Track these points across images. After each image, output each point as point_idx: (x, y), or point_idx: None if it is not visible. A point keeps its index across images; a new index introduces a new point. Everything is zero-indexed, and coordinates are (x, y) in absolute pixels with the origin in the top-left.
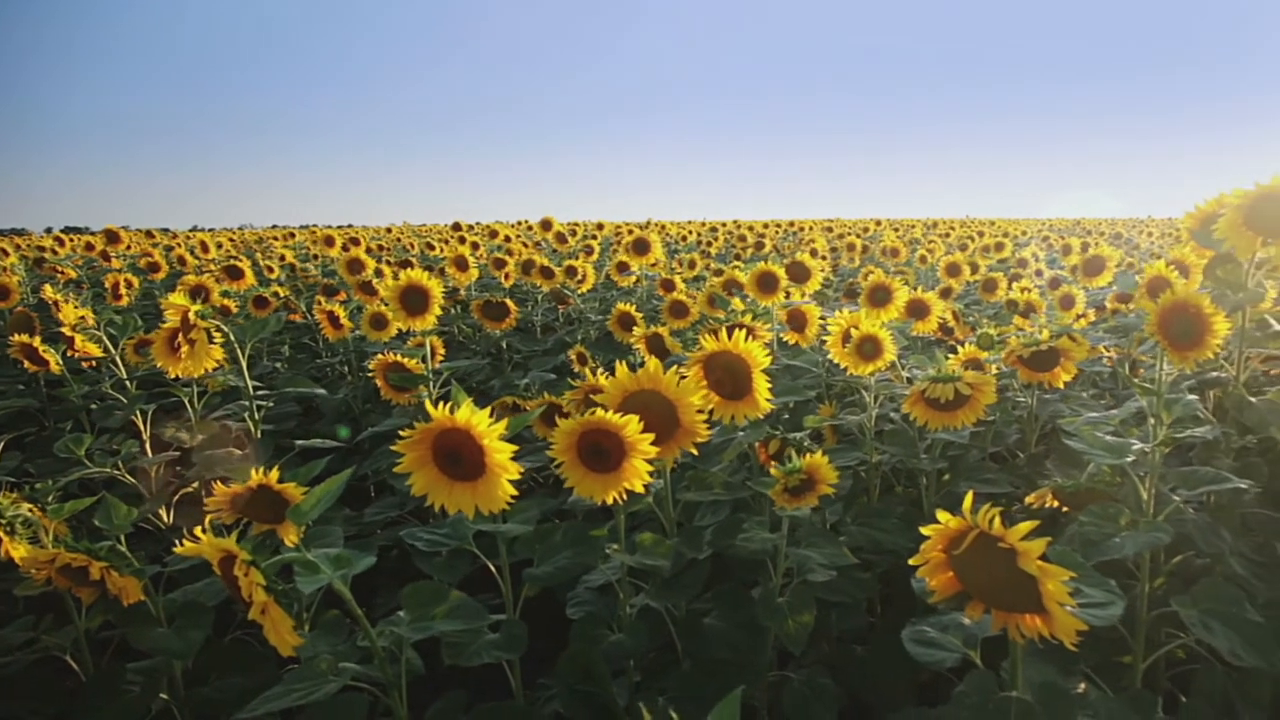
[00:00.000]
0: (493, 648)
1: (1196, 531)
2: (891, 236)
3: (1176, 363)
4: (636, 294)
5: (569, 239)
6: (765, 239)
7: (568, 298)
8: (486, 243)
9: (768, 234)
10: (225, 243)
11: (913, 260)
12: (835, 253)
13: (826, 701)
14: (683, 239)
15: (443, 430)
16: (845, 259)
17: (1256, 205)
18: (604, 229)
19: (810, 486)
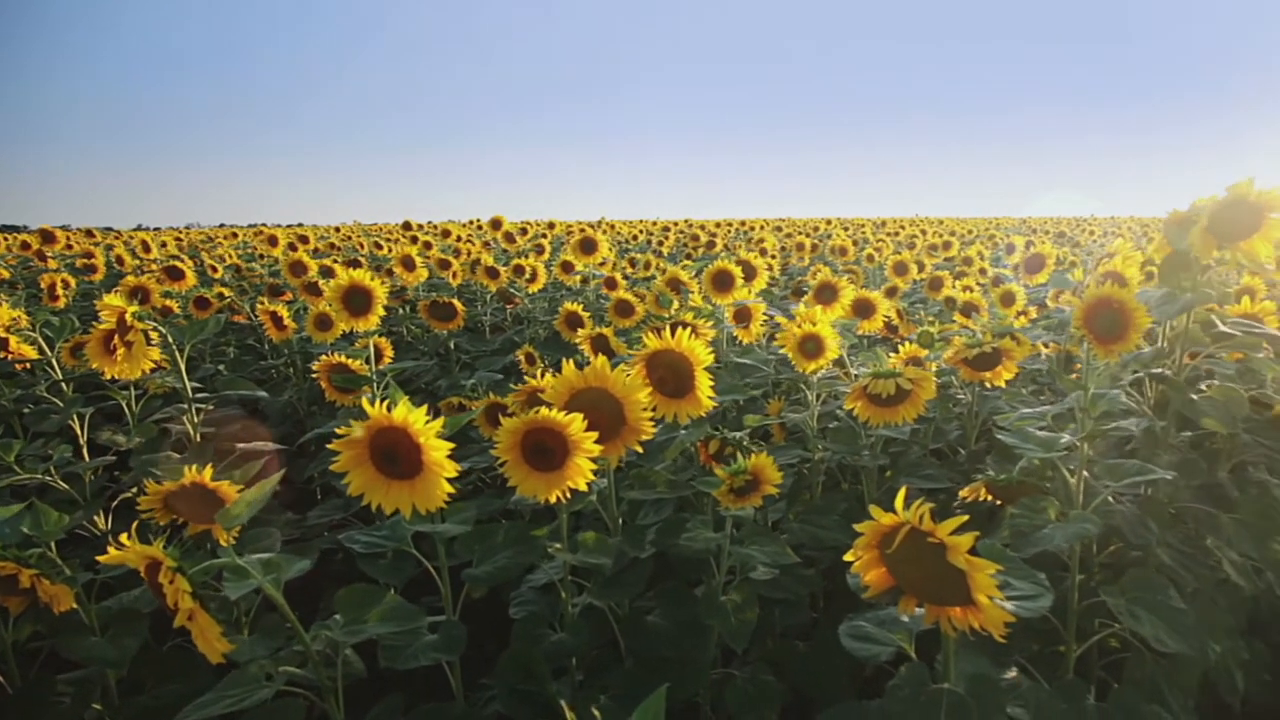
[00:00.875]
0: (431, 649)
1: (1124, 523)
2: (841, 235)
3: (1102, 356)
4: (585, 294)
5: (518, 238)
6: (717, 238)
7: (515, 297)
8: (438, 242)
9: (719, 233)
10: (169, 242)
11: (860, 259)
12: (785, 252)
13: (769, 698)
14: (634, 238)
15: (379, 429)
16: (795, 258)
17: (1223, 209)
18: (555, 228)
19: (755, 487)
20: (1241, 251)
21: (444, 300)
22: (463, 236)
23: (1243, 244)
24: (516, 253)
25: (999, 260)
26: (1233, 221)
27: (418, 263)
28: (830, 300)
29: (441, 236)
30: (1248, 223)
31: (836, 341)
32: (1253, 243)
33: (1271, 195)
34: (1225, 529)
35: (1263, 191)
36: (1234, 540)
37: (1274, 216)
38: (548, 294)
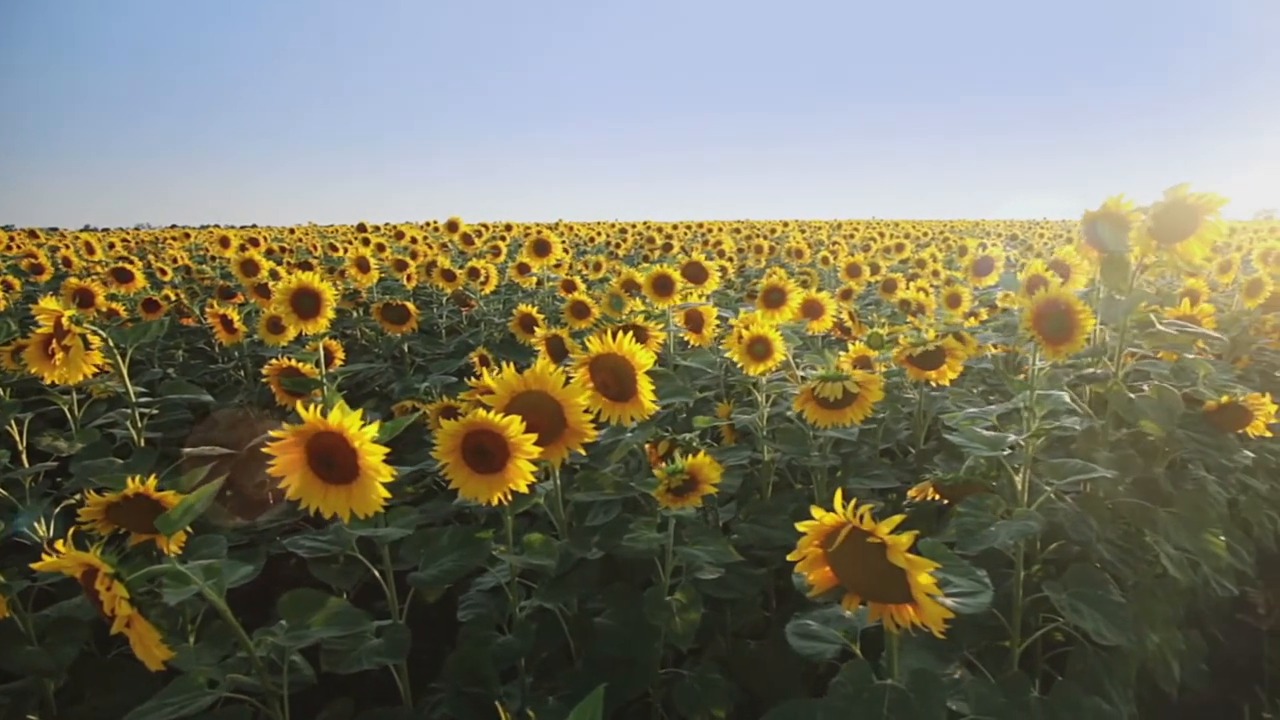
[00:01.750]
0: (375, 654)
1: (1066, 520)
2: (798, 238)
3: (1049, 356)
4: (540, 295)
5: (475, 240)
6: (673, 240)
7: (470, 300)
8: (392, 244)
9: (676, 235)
10: (116, 244)
11: (816, 261)
12: (742, 254)
13: (717, 696)
14: (591, 240)
15: (316, 433)
16: (751, 260)
17: (1164, 213)
18: (512, 230)
19: (693, 486)
20: (1178, 253)
21: (397, 303)
22: (418, 238)
23: (1179, 245)
24: (473, 255)
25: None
26: (1173, 224)
27: (371, 265)
28: (778, 304)
29: (396, 238)
30: (1184, 225)
31: (783, 344)
32: (1188, 244)
33: (1207, 198)
34: (1161, 523)
35: (1198, 194)
36: (1169, 534)
37: (1209, 219)
38: (503, 296)
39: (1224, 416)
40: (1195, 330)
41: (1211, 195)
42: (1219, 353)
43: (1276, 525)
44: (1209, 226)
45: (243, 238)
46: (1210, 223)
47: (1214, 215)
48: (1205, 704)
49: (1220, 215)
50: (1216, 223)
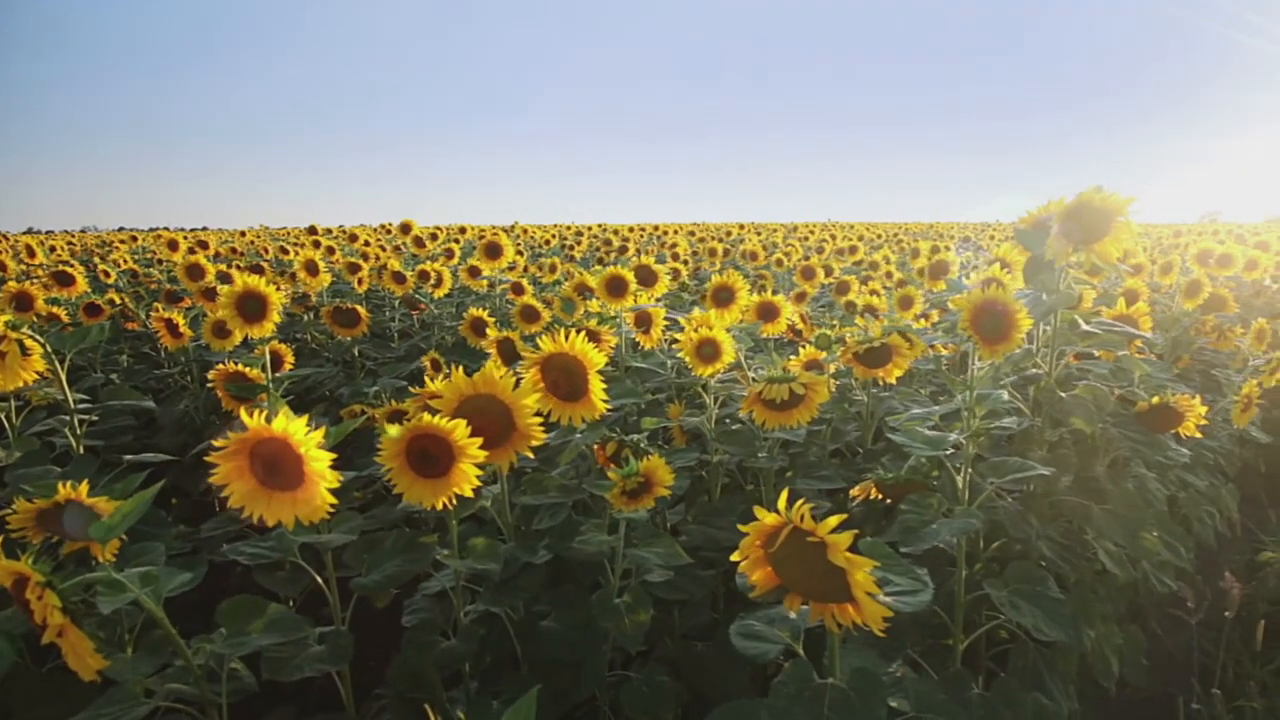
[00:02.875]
0: (316, 660)
1: (1007, 518)
2: (753, 240)
3: (986, 356)
4: (492, 299)
5: (428, 243)
6: (629, 243)
7: (420, 303)
8: (345, 247)
9: (633, 238)
10: (59, 247)
11: (770, 263)
12: (697, 256)
13: (664, 698)
14: (546, 243)
15: (259, 439)
16: (706, 263)
17: (1072, 214)
18: (467, 233)
19: (647, 488)
20: (1095, 253)
21: (347, 306)
22: (371, 241)
23: (1096, 246)
24: (427, 258)
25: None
26: (1086, 226)
27: (321, 268)
28: (727, 302)
29: (350, 241)
30: (1099, 227)
31: (732, 345)
32: (1105, 245)
33: (1114, 200)
34: (1097, 520)
35: (1106, 196)
36: (1105, 531)
37: (1121, 220)
38: (456, 299)
39: (1156, 417)
40: (1121, 329)
41: (1117, 196)
42: (1160, 352)
43: (1216, 521)
44: (1121, 227)
45: (192, 240)
46: (1122, 223)
47: (1124, 216)
48: (1146, 698)
49: (1130, 216)
50: (1128, 223)
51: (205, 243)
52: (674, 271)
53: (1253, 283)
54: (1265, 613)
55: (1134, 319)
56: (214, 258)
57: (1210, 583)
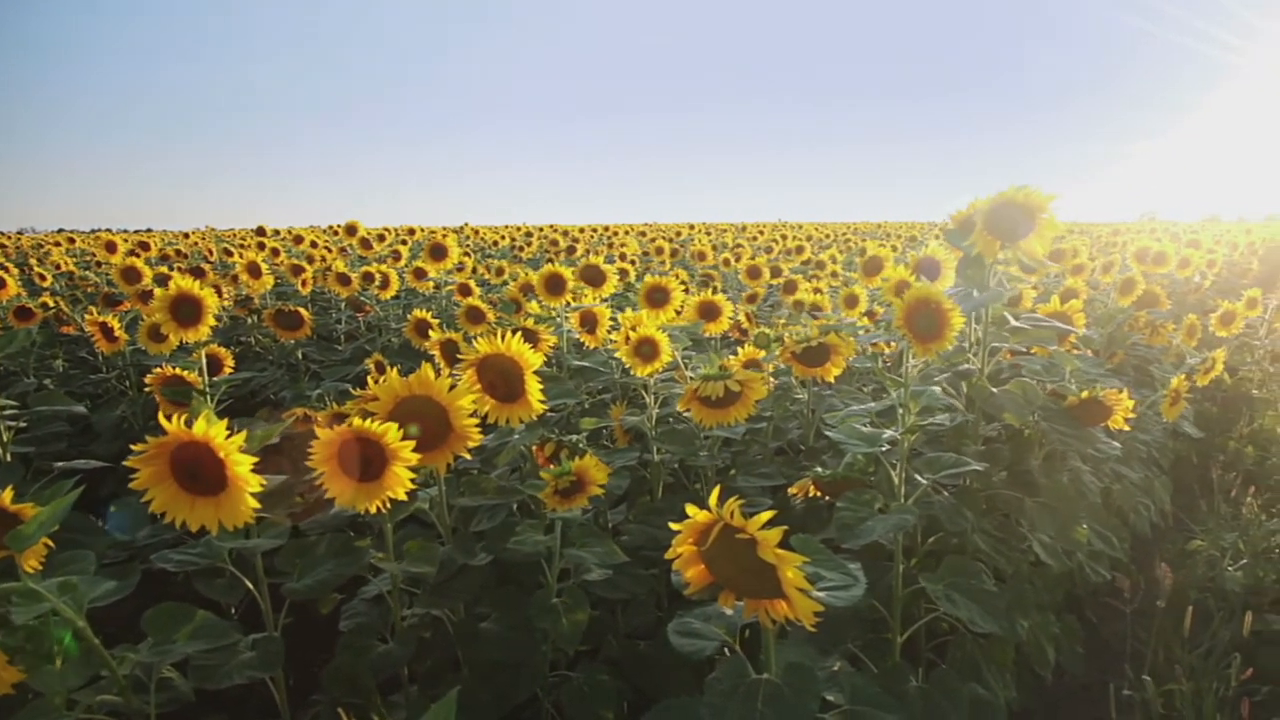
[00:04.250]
0: (246, 667)
1: (943, 513)
2: (702, 241)
3: (920, 354)
4: (438, 300)
5: (374, 244)
6: (578, 244)
7: (365, 305)
8: (290, 249)
9: (582, 238)
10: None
11: (719, 263)
12: (647, 257)
13: (605, 698)
14: (495, 244)
15: (180, 444)
16: (656, 263)
17: (996, 211)
18: (416, 234)
19: (580, 488)
20: (1021, 250)
21: (290, 308)
22: (318, 243)
23: (1022, 243)
24: (374, 259)
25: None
26: (1011, 223)
27: (264, 270)
28: (661, 303)
29: (295, 242)
30: (1024, 224)
31: (669, 344)
32: (1030, 241)
33: (1036, 197)
34: (1030, 513)
35: (1029, 194)
36: (1038, 523)
37: (1044, 217)
38: (403, 301)
39: (1086, 410)
40: (1049, 324)
41: (1039, 194)
42: (1097, 348)
43: (1150, 512)
44: (1046, 224)
45: (133, 242)
46: (1046, 220)
47: (1047, 213)
48: (1084, 685)
49: (1053, 213)
50: (1052, 220)
51: (147, 244)
52: (622, 272)
53: (1185, 280)
54: (1195, 599)
55: (1068, 316)
56: (155, 260)
57: (1145, 572)
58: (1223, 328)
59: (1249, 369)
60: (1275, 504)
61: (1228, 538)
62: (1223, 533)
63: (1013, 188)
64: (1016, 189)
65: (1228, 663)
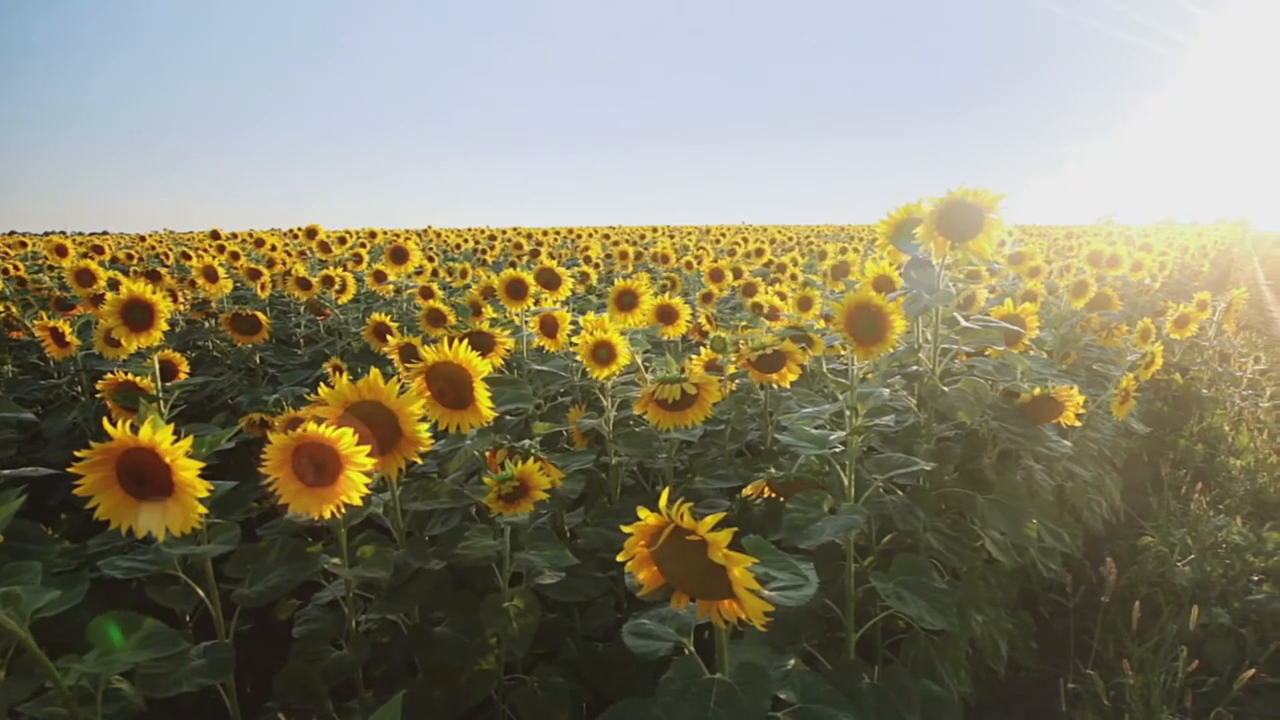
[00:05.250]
0: (196, 674)
1: (895, 512)
2: (665, 244)
3: (861, 357)
4: (399, 303)
5: (334, 248)
6: (542, 247)
7: (325, 309)
8: (249, 252)
9: (546, 241)
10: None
11: (680, 266)
12: (610, 259)
13: (560, 700)
14: (458, 247)
15: (125, 450)
16: (618, 266)
17: (946, 212)
18: (377, 237)
19: (524, 492)
20: (970, 250)
21: (247, 312)
22: (278, 246)
23: (970, 243)
24: (334, 263)
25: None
26: (961, 223)
27: (221, 274)
28: (630, 307)
29: (255, 245)
30: (972, 223)
31: (627, 347)
32: (978, 241)
33: (985, 197)
34: (981, 511)
35: (977, 194)
36: (990, 520)
37: (992, 217)
38: (363, 305)
39: (1037, 408)
40: (998, 325)
41: (987, 193)
42: (1051, 349)
43: (1102, 509)
44: (993, 224)
45: (87, 246)
46: (994, 220)
47: (995, 213)
48: (1038, 679)
49: (1001, 212)
50: (999, 220)
51: (101, 248)
52: (583, 275)
53: (1138, 282)
54: (1145, 594)
55: (1021, 318)
56: (110, 263)
57: (1098, 568)
58: (1178, 330)
59: (1199, 369)
60: (1223, 500)
61: (1177, 533)
62: (1172, 529)
63: (961, 188)
64: (966, 189)
65: (1175, 655)
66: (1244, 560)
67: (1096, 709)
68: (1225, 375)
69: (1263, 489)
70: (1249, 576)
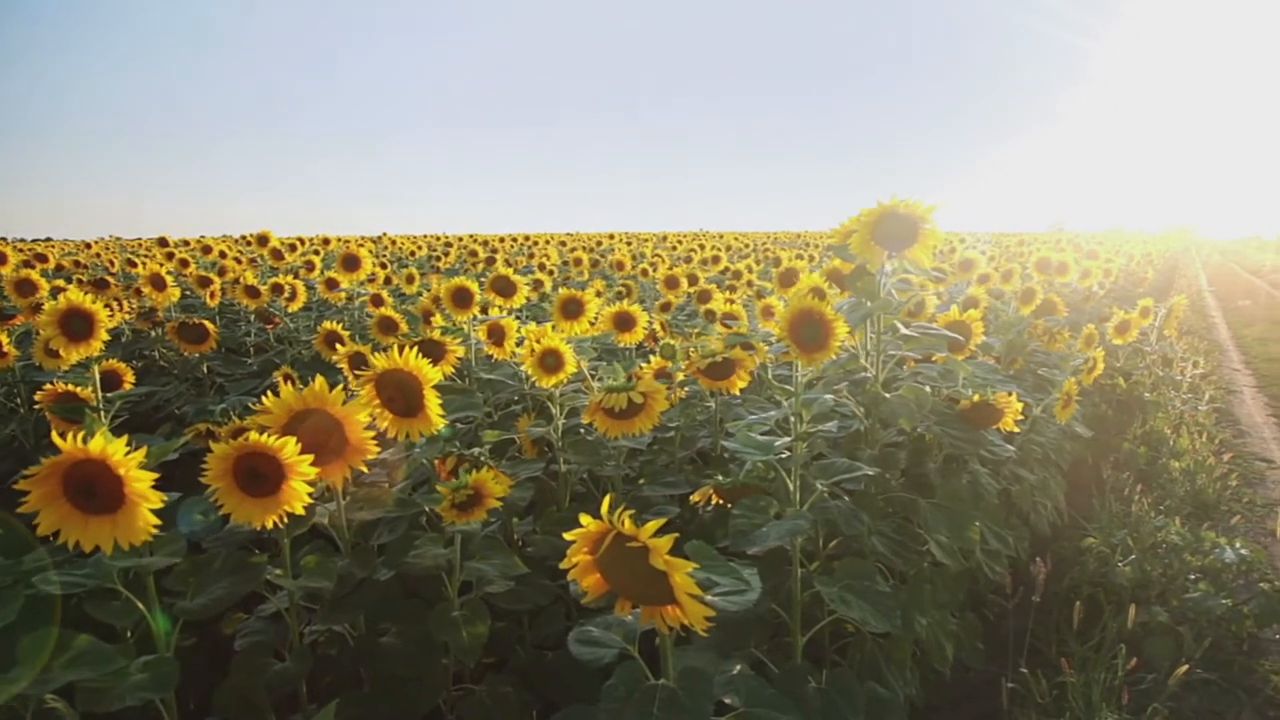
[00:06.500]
0: (138, 689)
1: (840, 517)
2: (622, 250)
3: (804, 364)
4: (351, 311)
5: (286, 255)
6: (498, 253)
7: (274, 317)
8: (199, 259)
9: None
10: None
11: (636, 274)
12: (566, 266)
13: (508, 709)
14: (413, 254)
15: (74, 463)
16: (574, 273)
17: (880, 222)
18: (330, 244)
19: (478, 501)
20: (907, 259)
21: (193, 321)
22: (227, 253)
23: (908, 252)
24: (286, 270)
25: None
26: (895, 233)
27: (169, 282)
28: (576, 314)
29: (203, 253)
30: (908, 233)
31: (574, 355)
32: (915, 251)
33: (918, 208)
34: (925, 514)
35: (911, 204)
36: (934, 524)
37: (927, 227)
38: (315, 313)
39: (979, 414)
40: (939, 333)
41: (920, 204)
42: (997, 355)
43: (1048, 511)
44: (928, 234)
45: (29, 253)
46: (928, 230)
47: (929, 223)
48: (986, 680)
49: (935, 223)
50: (933, 229)
51: (44, 255)
52: (537, 283)
53: (1084, 289)
54: (1087, 594)
55: (967, 325)
56: (54, 271)
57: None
58: (1119, 336)
59: (1142, 373)
60: (1164, 501)
61: (1118, 534)
62: (1114, 530)
63: (894, 199)
64: (899, 200)
65: (1115, 654)
66: (1182, 560)
67: (1039, 708)
68: (1167, 379)
69: (1201, 490)
70: (1186, 575)
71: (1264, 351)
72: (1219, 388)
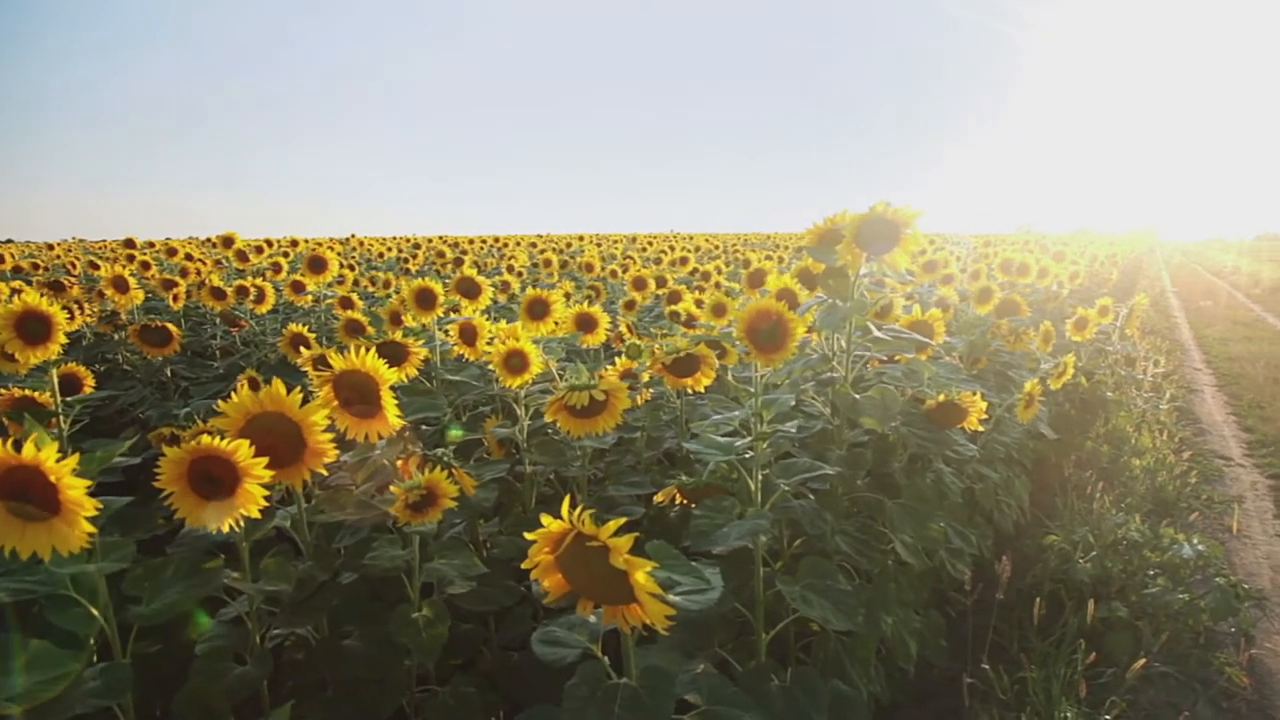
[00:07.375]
0: (91, 696)
1: (804, 516)
2: (592, 252)
3: (762, 364)
4: (318, 314)
5: (253, 257)
6: (467, 255)
7: (240, 320)
8: (164, 262)
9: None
10: None
11: (605, 275)
12: (535, 268)
13: (470, 710)
14: (382, 256)
15: (8, 469)
16: (543, 274)
17: (864, 226)
18: (299, 246)
19: (432, 501)
20: (886, 263)
21: (157, 324)
22: (193, 255)
23: (887, 256)
24: (252, 272)
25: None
26: (878, 237)
27: (132, 284)
28: (541, 315)
29: (168, 255)
30: (890, 237)
31: (540, 356)
32: (894, 255)
33: (902, 213)
34: (890, 514)
35: (895, 210)
36: (898, 523)
37: (908, 232)
38: (282, 315)
39: (943, 413)
40: (909, 335)
41: (905, 210)
42: (960, 355)
43: (1012, 510)
44: (909, 239)
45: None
46: (909, 235)
47: (911, 228)
48: (950, 677)
49: (917, 228)
50: (915, 234)
51: (1, 256)
52: (504, 284)
53: (1047, 289)
54: (1049, 590)
55: (930, 326)
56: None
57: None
58: (1077, 333)
59: (1104, 373)
60: (1125, 499)
61: (1080, 532)
62: (1076, 527)
63: (879, 204)
64: (883, 205)
65: (1076, 649)
66: (1141, 556)
67: (1000, 703)
68: (1130, 379)
69: (1162, 487)
70: (1146, 571)
71: (1225, 351)
72: (1180, 386)
